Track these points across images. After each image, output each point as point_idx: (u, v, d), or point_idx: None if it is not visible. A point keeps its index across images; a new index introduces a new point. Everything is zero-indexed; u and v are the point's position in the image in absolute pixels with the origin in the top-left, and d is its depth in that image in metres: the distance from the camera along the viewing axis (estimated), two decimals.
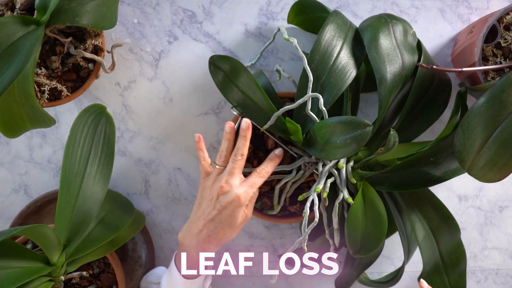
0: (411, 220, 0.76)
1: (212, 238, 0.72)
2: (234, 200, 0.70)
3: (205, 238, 0.72)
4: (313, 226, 0.72)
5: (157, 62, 0.89)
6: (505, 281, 0.94)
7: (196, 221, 0.73)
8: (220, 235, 0.72)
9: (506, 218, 0.92)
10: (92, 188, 0.73)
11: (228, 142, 0.72)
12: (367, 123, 0.67)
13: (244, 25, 0.89)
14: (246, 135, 0.71)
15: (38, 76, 0.80)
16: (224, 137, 0.72)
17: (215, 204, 0.71)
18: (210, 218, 0.71)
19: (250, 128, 0.71)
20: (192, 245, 0.73)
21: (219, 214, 0.71)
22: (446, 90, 0.79)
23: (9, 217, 0.91)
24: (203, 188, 0.74)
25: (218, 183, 0.72)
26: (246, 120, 0.71)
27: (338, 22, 0.76)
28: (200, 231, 0.72)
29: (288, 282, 0.94)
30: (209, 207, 0.72)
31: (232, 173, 0.72)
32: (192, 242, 0.73)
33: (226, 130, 0.72)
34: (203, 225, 0.72)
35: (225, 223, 0.71)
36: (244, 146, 0.71)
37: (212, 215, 0.71)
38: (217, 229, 0.72)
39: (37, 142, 0.90)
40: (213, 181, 0.73)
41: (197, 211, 0.74)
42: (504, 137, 0.64)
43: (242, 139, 0.71)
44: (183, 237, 0.74)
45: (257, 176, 0.73)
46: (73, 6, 0.71)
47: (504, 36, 0.75)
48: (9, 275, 0.67)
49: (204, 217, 0.72)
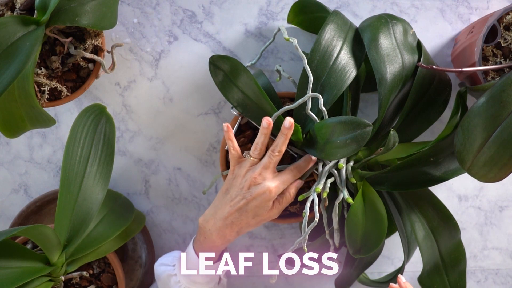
0: (411, 220, 0.76)
1: (235, 226, 0.73)
2: (265, 192, 0.72)
3: (229, 224, 0.73)
4: (313, 226, 0.72)
5: (157, 62, 0.89)
6: (505, 281, 0.94)
7: (222, 207, 0.74)
8: (243, 223, 0.73)
9: (506, 218, 0.92)
10: (92, 188, 0.73)
11: (264, 136, 0.73)
12: (367, 123, 0.67)
13: (244, 25, 0.89)
14: (287, 133, 0.72)
15: (38, 76, 0.80)
16: (261, 131, 0.73)
17: (245, 193, 0.72)
18: (238, 206, 0.73)
19: (293, 127, 0.72)
20: (215, 229, 0.74)
21: (247, 203, 0.72)
22: (446, 90, 0.79)
23: (9, 217, 0.91)
24: (234, 176, 0.75)
25: (252, 173, 0.73)
26: (290, 120, 0.72)
27: (338, 22, 0.76)
28: (225, 217, 0.73)
29: (288, 282, 0.94)
30: (239, 195, 0.73)
31: (267, 167, 0.73)
32: (215, 226, 0.74)
33: (263, 126, 0.73)
34: (229, 212, 0.73)
35: (251, 213, 0.73)
36: (284, 143, 0.72)
37: (240, 203, 0.73)
38: (242, 217, 0.73)
39: (37, 142, 0.90)
40: (246, 171, 0.74)
41: (223, 197, 0.74)
42: (504, 137, 0.64)
43: (283, 137, 0.72)
44: (205, 221, 0.75)
45: (289, 173, 0.74)
46: (73, 6, 0.71)
47: (504, 36, 0.75)
48: (9, 275, 0.67)
49: (232, 204, 0.73)
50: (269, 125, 0.73)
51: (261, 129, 0.73)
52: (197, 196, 0.91)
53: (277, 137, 0.73)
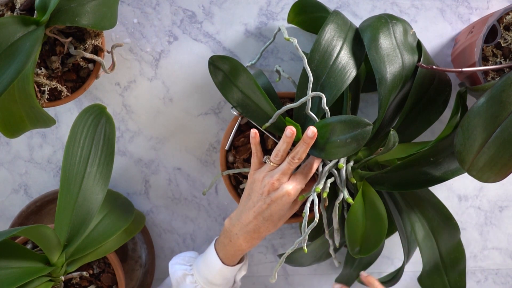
0: (411, 220, 0.76)
1: (262, 230, 0.76)
2: (284, 195, 0.73)
3: (256, 229, 0.75)
4: (313, 226, 0.72)
5: (157, 62, 0.89)
6: (505, 281, 0.94)
7: (247, 212, 0.76)
8: (270, 226, 0.76)
9: (506, 218, 0.92)
10: (92, 188, 0.73)
11: (287, 144, 0.74)
12: (367, 122, 0.67)
13: (244, 25, 0.89)
14: (309, 142, 0.73)
15: (38, 76, 0.80)
16: (284, 139, 0.74)
17: (266, 198, 0.74)
18: (260, 211, 0.74)
19: (315, 137, 0.73)
20: (241, 234, 0.76)
21: (268, 207, 0.74)
22: (446, 90, 0.79)
23: (9, 217, 0.91)
24: (253, 180, 0.76)
25: (270, 178, 0.74)
26: (313, 130, 0.72)
27: (338, 22, 0.76)
28: (250, 222, 0.75)
29: (288, 282, 0.94)
30: (260, 201, 0.74)
31: (286, 173, 0.74)
32: (242, 231, 0.76)
33: (287, 135, 0.74)
34: (253, 217, 0.75)
35: (276, 216, 0.75)
36: (304, 151, 0.73)
37: (262, 208, 0.74)
38: (267, 222, 0.75)
39: (37, 142, 0.90)
40: (263, 175, 0.75)
41: (247, 201, 0.76)
42: (504, 137, 0.64)
43: (304, 145, 0.73)
44: (232, 225, 0.77)
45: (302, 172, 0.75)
46: (73, 6, 0.71)
47: (504, 36, 0.75)
48: (9, 275, 0.67)
49: (255, 209, 0.75)
50: (293, 135, 0.74)
51: (284, 137, 0.74)
52: (197, 196, 0.91)
53: (298, 144, 0.74)
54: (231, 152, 0.84)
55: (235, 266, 0.79)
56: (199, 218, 0.92)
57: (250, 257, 0.93)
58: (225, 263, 0.78)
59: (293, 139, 0.75)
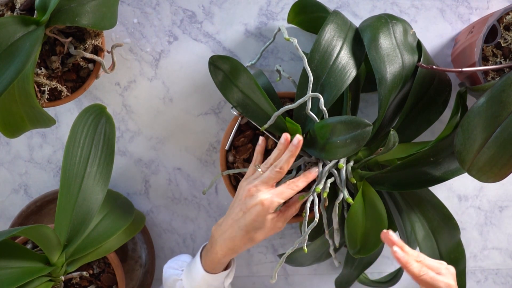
0: (411, 220, 0.76)
1: (234, 241, 0.72)
2: (257, 204, 0.70)
3: (230, 237, 0.72)
4: (313, 226, 0.72)
5: (157, 62, 0.89)
6: (505, 281, 0.94)
7: (227, 218, 0.74)
8: (239, 238, 0.72)
9: (506, 218, 0.92)
10: (92, 188, 0.73)
11: (279, 152, 0.73)
12: (367, 122, 0.67)
13: (244, 25, 0.89)
14: (293, 151, 0.71)
15: (38, 76, 0.80)
16: (278, 147, 0.73)
17: (241, 205, 0.72)
18: (236, 218, 0.72)
19: (300, 146, 0.71)
20: (219, 241, 0.73)
21: (243, 216, 0.72)
22: (446, 90, 0.79)
23: (9, 217, 0.91)
24: (239, 187, 0.75)
25: (249, 185, 0.72)
26: (299, 138, 0.71)
27: (338, 22, 0.76)
28: (227, 229, 0.73)
29: (288, 282, 0.94)
30: (237, 207, 0.73)
31: (266, 182, 0.72)
32: (220, 238, 0.73)
33: (281, 141, 0.72)
34: (230, 224, 0.73)
35: (250, 228, 0.71)
36: (287, 161, 0.71)
37: (238, 215, 0.72)
38: (242, 232, 0.72)
39: (37, 142, 0.90)
40: (247, 182, 0.74)
41: (231, 208, 0.74)
42: (504, 137, 0.64)
43: (288, 153, 0.71)
44: (215, 230, 0.75)
45: (286, 187, 0.72)
46: (73, 6, 0.71)
47: (504, 36, 0.75)
48: (9, 275, 0.67)
49: (233, 216, 0.73)
50: (287, 143, 0.72)
51: (278, 144, 0.73)
52: (197, 196, 0.91)
53: (284, 152, 0.72)
54: (231, 152, 0.84)
55: (218, 274, 0.76)
56: (199, 218, 0.92)
57: (250, 257, 0.93)
58: (207, 271, 0.75)
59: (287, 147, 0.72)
